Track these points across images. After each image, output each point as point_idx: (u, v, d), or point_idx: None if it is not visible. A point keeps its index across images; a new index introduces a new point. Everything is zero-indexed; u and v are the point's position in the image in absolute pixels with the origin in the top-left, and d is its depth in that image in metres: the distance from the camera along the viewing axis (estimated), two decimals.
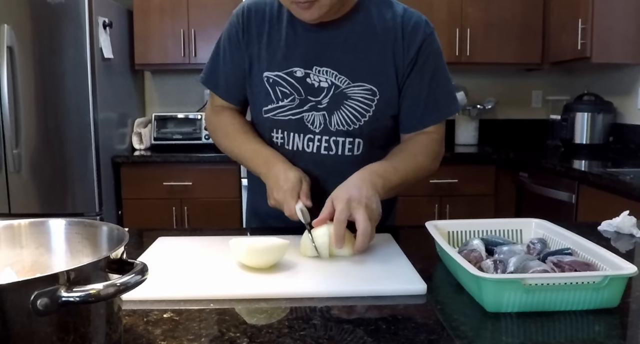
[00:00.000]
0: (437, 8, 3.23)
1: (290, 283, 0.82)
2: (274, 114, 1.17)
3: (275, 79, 1.15)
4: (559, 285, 0.71)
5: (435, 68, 1.18)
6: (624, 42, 2.80)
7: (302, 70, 1.13)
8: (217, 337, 0.65)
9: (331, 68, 1.13)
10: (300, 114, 1.15)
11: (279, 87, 1.15)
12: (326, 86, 1.13)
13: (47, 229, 0.72)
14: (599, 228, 1.16)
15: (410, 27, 1.14)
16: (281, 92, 1.15)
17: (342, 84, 1.13)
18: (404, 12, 1.16)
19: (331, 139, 1.16)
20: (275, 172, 1.09)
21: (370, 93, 1.13)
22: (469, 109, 3.47)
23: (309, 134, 1.17)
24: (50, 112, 2.72)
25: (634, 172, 2.17)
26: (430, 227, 0.95)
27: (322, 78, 1.13)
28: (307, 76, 1.13)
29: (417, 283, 0.81)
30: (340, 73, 1.12)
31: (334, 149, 1.17)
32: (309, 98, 1.14)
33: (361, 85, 1.13)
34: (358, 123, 1.15)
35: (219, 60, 1.22)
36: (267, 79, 1.15)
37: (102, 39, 2.80)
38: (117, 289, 0.53)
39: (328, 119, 1.15)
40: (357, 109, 1.14)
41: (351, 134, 1.16)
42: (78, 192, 2.79)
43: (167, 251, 0.99)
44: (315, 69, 1.13)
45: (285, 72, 1.14)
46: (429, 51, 1.16)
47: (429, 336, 0.66)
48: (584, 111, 3.05)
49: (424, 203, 3.06)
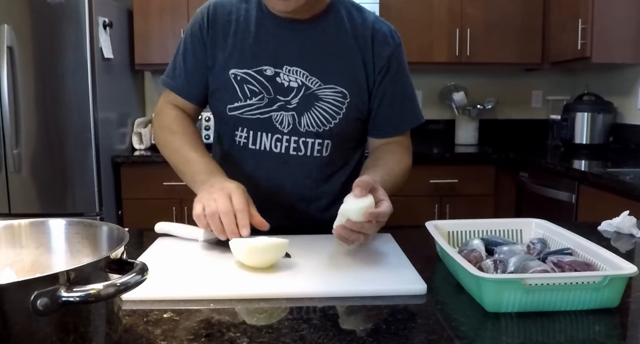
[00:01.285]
0: (437, 8, 3.23)
1: (290, 283, 0.82)
2: (240, 112, 1.15)
3: (244, 76, 1.13)
4: (559, 285, 0.71)
5: (406, 78, 1.21)
6: (624, 42, 2.80)
7: (272, 69, 1.12)
8: (217, 337, 0.65)
9: (302, 68, 1.12)
10: (269, 114, 1.14)
11: (247, 85, 1.13)
12: (296, 86, 1.13)
13: (47, 229, 0.72)
14: (599, 228, 1.16)
15: (380, 35, 1.16)
16: (249, 91, 1.14)
17: (313, 85, 1.12)
18: (375, 20, 1.17)
19: (300, 139, 1.16)
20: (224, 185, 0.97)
21: (341, 95, 1.13)
22: (469, 109, 3.47)
23: (277, 134, 1.16)
24: (50, 112, 2.72)
25: (634, 172, 2.17)
26: (430, 227, 0.95)
27: (292, 78, 1.12)
28: (277, 75, 1.12)
29: (417, 283, 0.81)
30: (312, 74, 1.12)
31: (303, 150, 1.17)
32: (278, 97, 1.13)
33: (333, 87, 1.13)
34: (329, 125, 1.15)
35: (180, 59, 1.19)
36: (234, 77, 1.13)
37: (102, 39, 2.80)
38: (117, 289, 0.53)
39: (297, 119, 1.14)
40: (327, 111, 1.14)
41: (321, 136, 1.16)
42: (78, 192, 2.79)
43: (167, 251, 0.99)
44: (286, 69, 1.12)
45: (254, 70, 1.13)
46: (400, 60, 1.19)
47: (429, 336, 0.66)
48: (584, 111, 3.05)
49: (424, 203, 3.06)
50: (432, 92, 3.60)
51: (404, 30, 1.22)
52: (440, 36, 3.26)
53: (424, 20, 3.23)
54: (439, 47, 3.25)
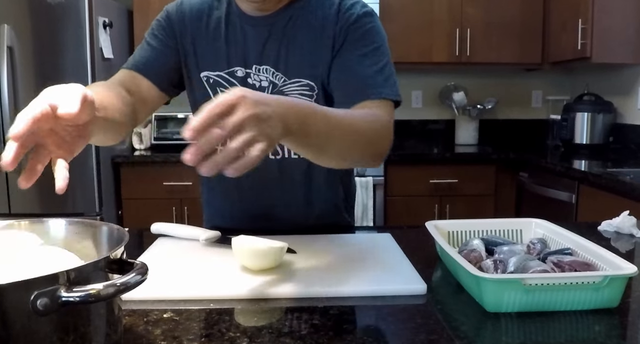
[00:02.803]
0: (437, 8, 3.24)
1: (290, 283, 0.82)
2: None
3: (216, 79, 1.11)
4: (559, 285, 0.71)
5: (373, 49, 1.05)
6: (624, 42, 2.80)
7: (243, 70, 1.10)
8: (217, 337, 0.65)
9: (270, 66, 1.09)
10: None
11: (219, 87, 1.11)
12: (266, 86, 1.09)
13: (47, 229, 0.72)
14: (599, 228, 1.16)
15: (345, 9, 1.06)
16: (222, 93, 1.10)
17: (279, 82, 1.09)
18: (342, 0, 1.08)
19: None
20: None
21: (308, 89, 1.08)
22: (469, 109, 3.47)
23: None
24: None
25: (634, 172, 2.17)
26: (430, 227, 0.95)
27: (262, 77, 1.09)
28: (248, 76, 1.10)
29: (417, 283, 0.81)
30: (277, 70, 1.08)
31: (281, 152, 1.13)
32: None
33: (298, 81, 1.08)
34: None
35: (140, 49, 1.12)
36: (206, 79, 1.11)
37: (102, 39, 2.80)
38: (117, 289, 0.53)
39: None
40: None
41: None
42: (78, 192, 2.79)
43: (167, 251, 0.99)
44: (255, 68, 1.09)
45: (226, 72, 1.10)
46: (364, 30, 1.05)
47: (429, 336, 0.66)
48: (584, 111, 3.05)
49: (424, 203, 3.06)
50: (432, 92, 3.60)
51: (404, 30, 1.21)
52: (440, 36, 3.26)
53: (424, 20, 3.23)
54: (439, 47, 3.25)
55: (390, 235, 1.08)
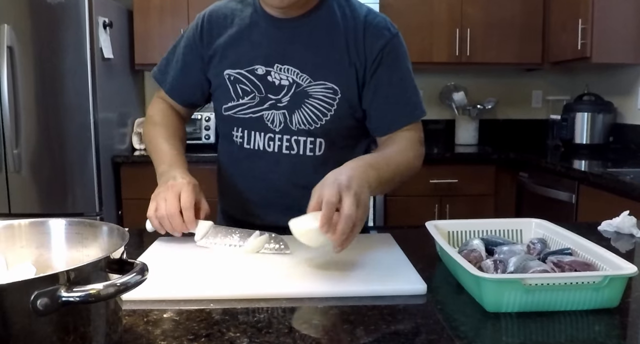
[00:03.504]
0: (437, 8, 3.24)
1: (290, 283, 0.82)
2: (234, 112, 1.17)
3: (237, 76, 1.15)
4: (559, 285, 0.71)
5: (406, 70, 1.16)
6: (624, 42, 2.80)
7: (264, 68, 1.13)
8: (217, 337, 0.65)
9: (293, 66, 1.12)
10: (260, 112, 1.15)
11: (239, 84, 1.15)
12: (287, 84, 1.13)
13: (47, 229, 0.72)
14: (599, 228, 1.16)
15: (373, 27, 1.13)
16: (242, 90, 1.15)
17: (303, 82, 1.12)
18: (368, 12, 1.15)
19: (292, 138, 1.16)
20: (177, 182, 1.03)
21: (331, 92, 1.12)
22: (469, 109, 3.47)
23: (270, 133, 1.16)
24: (50, 112, 2.72)
25: (634, 172, 2.17)
26: (430, 227, 0.95)
27: (283, 76, 1.13)
28: (268, 74, 1.13)
29: (417, 283, 0.81)
30: (302, 71, 1.12)
31: (296, 148, 1.16)
32: (269, 96, 1.14)
33: (322, 83, 1.12)
34: (319, 122, 1.14)
35: (172, 58, 1.24)
36: (228, 77, 1.16)
37: (102, 39, 2.80)
38: (117, 289, 0.53)
39: (289, 117, 1.14)
40: (318, 108, 1.13)
41: (312, 134, 1.15)
42: (78, 192, 2.79)
43: (167, 251, 0.99)
44: (277, 67, 1.13)
45: (246, 69, 1.14)
46: (396, 52, 1.14)
47: (429, 336, 0.66)
48: (584, 111, 3.05)
49: (424, 203, 3.06)
50: (432, 92, 3.60)
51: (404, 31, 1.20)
52: (440, 36, 3.26)
53: (424, 20, 3.23)
54: (439, 47, 3.25)
55: (390, 235, 1.08)
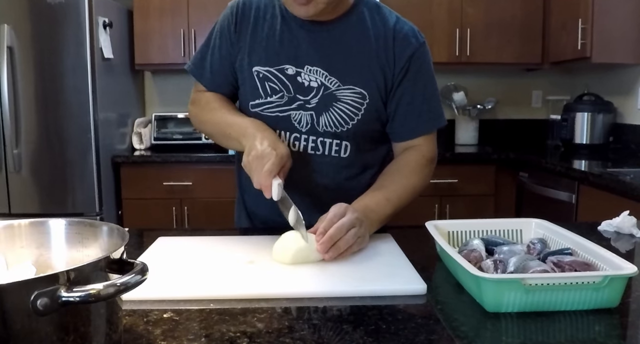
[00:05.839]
0: (437, 8, 3.24)
1: (290, 283, 0.82)
2: (260, 110, 1.16)
3: (266, 74, 1.15)
4: (559, 285, 0.71)
5: (430, 78, 1.19)
6: (624, 42, 2.80)
7: (294, 68, 1.13)
8: (217, 337, 0.65)
9: (322, 68, 1.13)
10: (288, 112, 1.15)
11: (268, 82, 1.15)
12: (316, 86, 1.13)
13: (47, 229, 0.72)
14: (599, 228, 1.16)
15: (402, 35, 1.14)
16: (270, 88, 1.15)
17: (331, 86, 1.13)
18: (397, 20, 1.17)
19: (318, 139, 1.16)
20: (267, 136, 1.02)
21: (360, 97, 1.13)
22: (469, 109, 3.47)
23: (295, 133, 1.16)
24: (50, 112, 2.72)
25: (634, 172, 2.17)
26: (430, 227, 0.95)
27: (312, 77, 1.13)
28: (298, 74, 1.13)
29: (417, 283, 0.81)
30: (331, 74, 1.13)
31: (321, 149, 1.17)
32: (297, 97, 1.14)
33: (351, 88, 1.13)
34: (346, 126, 1.15)
35: (207, 50, 1.22)
36: (257, 74, 1.15)
37: (102, 39, 2.80)
38: (117, 289, 0.53)
39: (316, 119, 1.15)
40: (346, 112, 1.14)
41: (339, 136, 1.16)
42: (78, 192, 2.79)
43: (167, 251, 0.99)
44: (307, 68, 1.13)
45: (276, 68, 1.14)
46: (422, 60, 1.16)
47: (429, 336, 0.66)
48: (584, 111, 3.05)
49: (424, 203, 3.05)
50: None
51: None
52: (440, 36, 3.26)
53: (424, 21, 3.23)
54: (439, 47, 3.25)
55: (390, 235, 1.08)
